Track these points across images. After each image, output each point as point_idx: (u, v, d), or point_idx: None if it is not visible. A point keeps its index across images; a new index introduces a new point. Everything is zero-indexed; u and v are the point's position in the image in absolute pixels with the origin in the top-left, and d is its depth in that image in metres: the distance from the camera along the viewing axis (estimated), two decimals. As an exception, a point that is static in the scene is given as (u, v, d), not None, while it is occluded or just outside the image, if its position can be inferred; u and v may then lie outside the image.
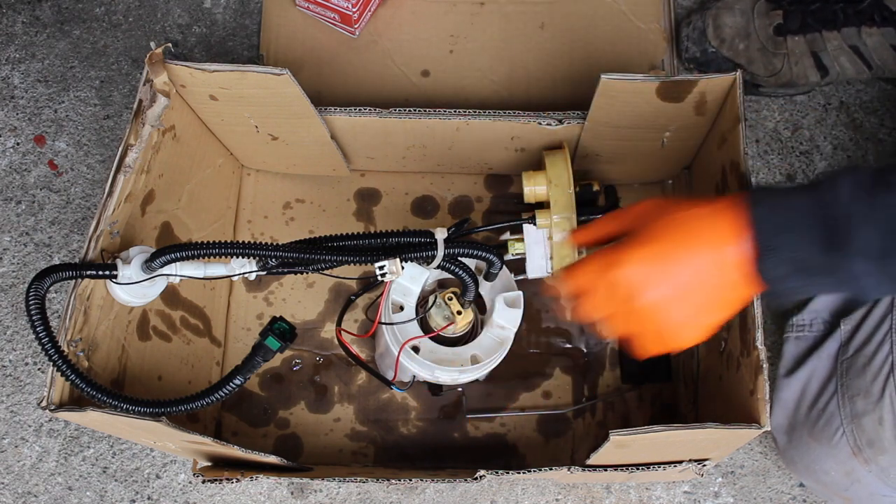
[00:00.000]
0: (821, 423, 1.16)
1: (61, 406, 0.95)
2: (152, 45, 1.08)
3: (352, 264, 1.01)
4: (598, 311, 0.93)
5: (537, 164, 1.25)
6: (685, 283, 0.88)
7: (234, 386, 0.99)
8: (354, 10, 1.40)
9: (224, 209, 1.34)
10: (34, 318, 0.91)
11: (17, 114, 1.44)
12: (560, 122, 1.20)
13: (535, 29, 1.47)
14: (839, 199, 0.82)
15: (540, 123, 1.20)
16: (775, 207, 0.85)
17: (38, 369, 1.33)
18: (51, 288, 1.32)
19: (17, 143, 1.43)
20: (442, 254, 1.03)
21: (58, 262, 1.31)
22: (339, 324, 1.12)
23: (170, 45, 1.09)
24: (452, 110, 1.20)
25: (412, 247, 1.03)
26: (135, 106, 1.08)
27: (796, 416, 1.20)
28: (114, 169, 1.03)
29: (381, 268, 1.01)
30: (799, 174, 1.42)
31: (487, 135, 1.24)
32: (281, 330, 1.00)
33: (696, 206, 0.89)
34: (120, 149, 1.04)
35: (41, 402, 0.94)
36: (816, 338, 1.22)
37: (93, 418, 0.96)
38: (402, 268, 1.02)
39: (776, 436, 1.23)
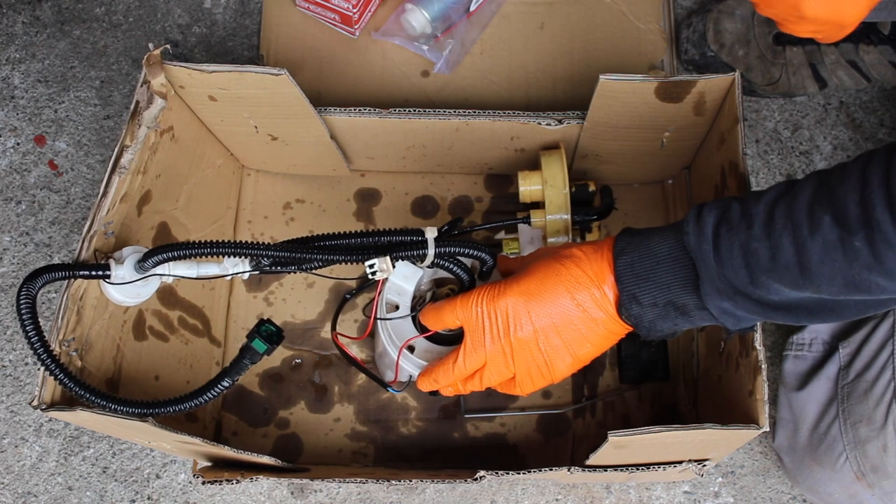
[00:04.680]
0: (823, 447, 1.16)
1: (52, 406, 0.95)
2: (150, 46, 1.08)
3: (342, 263, 1.02)
4: (480, 350, 0.97)
5: (536, 164, 1.25)
6: (554, 319, 0.93)
7: (221, 388, 0.99)
8: (354, 10, 1.40)
9: (224, 210, 1.34)
10: (24, 317, 0.91)
11: (18, 114, 1.45)
12: (559, 122, 1.20)
13: (535, 29, 1.47)
14: (699, 240, 0.85)
15: (539, 124, 1.20)
16: (638, 256, 0.90)
17: (38, 369, 1.33)
18: (51, 287, 1.33)
19: (18, 143, 1.43)
20: (433, 252, 1.03)
21: (54, 262, 1.31)
22: (333, 327, 1.12)
23: (168, 45, 1.09)
24: (452, 110, 1.20)
25: (403, 245, 1.03)
26: (131, 107, 1.08)
27: (797, 438, 1.20)
28: (109, 169, 1.03)
29: (371, 266, 1.02)
30: (799, 174, 1.42)
31: (487, 135, 1.24)
32: (268, 332, 1.00)
33: (571, 251, 0.94)
34: (115, 149, 1.04)
35: (32, 401, 0.94)
36: (816, 359, 1.22)
37: (83, 418, 0.96)
38: (394, 266, 1.02)
39: (780, 455, 1.23)
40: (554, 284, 0.92)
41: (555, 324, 0.93)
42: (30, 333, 0.91)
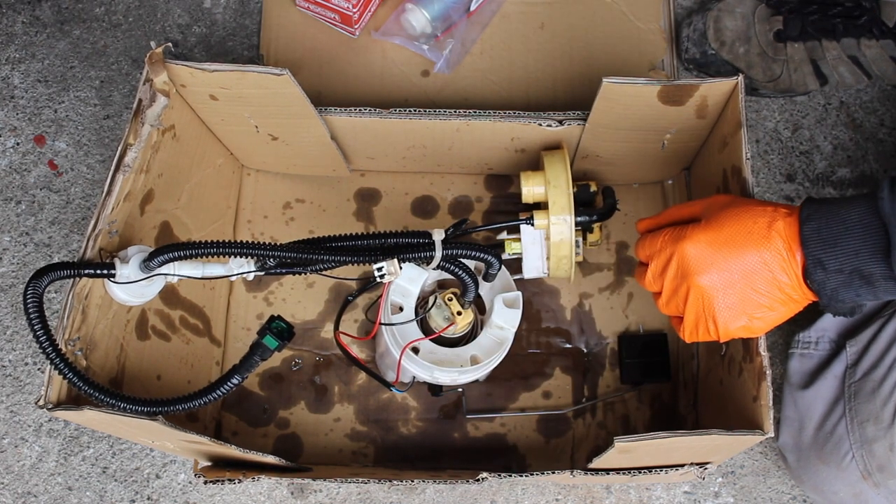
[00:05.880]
0: (829, 445, 1.16)
1: (59, 405, 0.95)
2: (152, 44, 1.08)
3: (350, 265, 1.01)
4: (657, 282, 0.98)
5: (537, 165, 1.25)
6: (736, 273, 0.92)
7: (231, 385, 0.99)
8: (354, 10, 1.40)
9: (224, 209, 1.34)
10: (32, 316, 0.91)
11: (17, 114, 1.44)
12: (560, 122, 1.20)
13: (535, 29, 1.47)
14: (894, 206, 0.84)
15: (540, 124, 1.20)
16: (825, 222, 0.88)
17: (38, 369, 1.33)
18: (52, 287, 1.33)
19: (17, 143, 1.43)
20: (440, 255, 1.02)
21: (58, 261, 1.31)
22: (336, 327, 1.12)
23: (170, 44, 1.08)
24: (452, 110, 1.20)
25: (410, 247, 1.03)
26: (134, 105, 1.08)
27: (802, 436, 1.19)
28: (113, 168, 1.03)
29: (379, 269, 1.01)
30: (799, 174, 1.42)
31: (487, 135, 1.24)
32: (279, 329, 1.00)
33: (765, 209, 0.93)
34: (119, 148, 1.04)
35: (38, 400, 0.94)
36: (822, 357, 1.22)
37: (90, 417, 0.96)
38: (401, 269, 1.02)
39: (784, 454, 1.23)
40: (744, 239, 0.91)
41: (735, 280, 0.92)
42: (38, 332, 0.91)
